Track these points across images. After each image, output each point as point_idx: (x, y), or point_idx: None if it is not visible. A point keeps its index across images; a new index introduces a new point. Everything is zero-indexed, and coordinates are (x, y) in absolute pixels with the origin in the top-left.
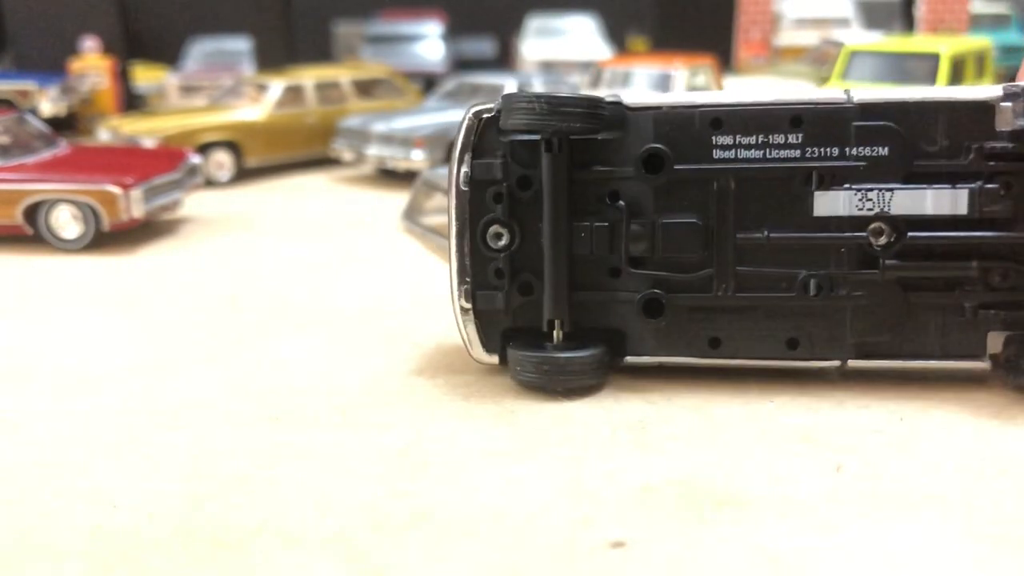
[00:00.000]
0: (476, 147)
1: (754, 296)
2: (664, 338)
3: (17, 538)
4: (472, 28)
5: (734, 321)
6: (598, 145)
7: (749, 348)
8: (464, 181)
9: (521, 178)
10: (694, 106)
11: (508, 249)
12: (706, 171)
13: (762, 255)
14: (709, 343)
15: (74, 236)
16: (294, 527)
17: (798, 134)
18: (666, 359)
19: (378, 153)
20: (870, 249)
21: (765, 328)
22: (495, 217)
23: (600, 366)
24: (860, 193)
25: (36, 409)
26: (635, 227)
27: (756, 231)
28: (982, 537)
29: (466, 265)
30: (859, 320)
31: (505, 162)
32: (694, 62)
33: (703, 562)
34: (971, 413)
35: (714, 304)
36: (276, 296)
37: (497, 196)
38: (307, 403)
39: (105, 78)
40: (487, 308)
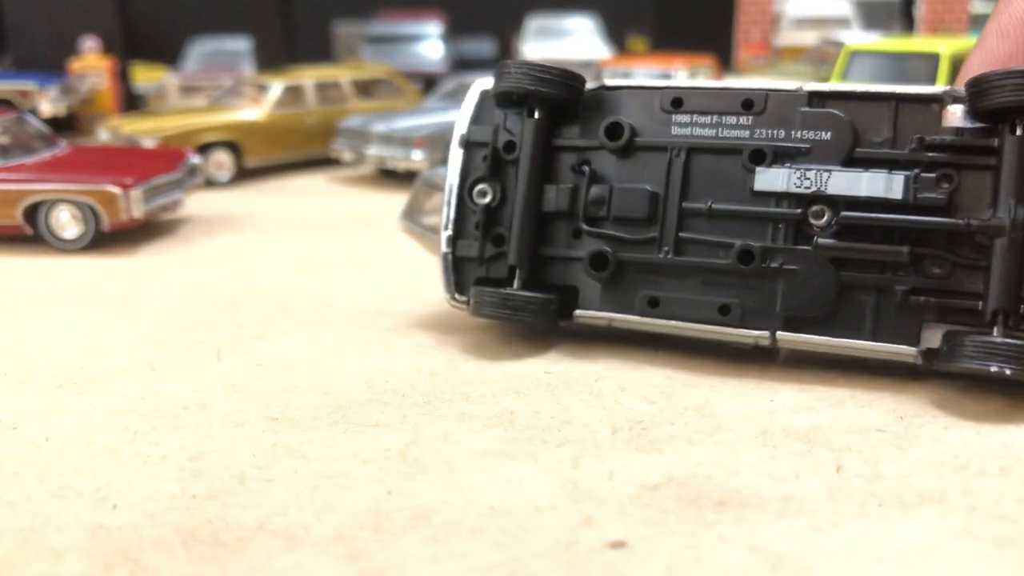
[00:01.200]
0: (475, 116)
1: (691, 260)
2: (609, 295)
3: (17, 538)
4: (472, 28)
5: (673, 283)
6: (576, 120)
7: (684, 311)
8: (460, 142)
9: (508, 143)
10: (658, 88)
11: (488, 205)
12: (661, 143)
13: (704, 224)
14: (648, 302)
15: (74, 236)
16: (293, 527)
17: (749, 116)
18: (610, 315)
19: (378, 153)
20: (807, 227)
21: (701, 292)
22: (481, 176)
23: (547, 310)
24: (799, 172)
25: (36, 409)
26: (595, 190)
27: (701, 201)
28: (982, 536)
29: (452, 216)
30: (791, 293)
31: (496, 128)
32: (694, 62)
33: (703, 562)
34: (971, 412)
35: (656, 264)
36: (275, 296)
37: (485, 157)
38: (306, 403)
39: (105, 78)
40: (465, 255)
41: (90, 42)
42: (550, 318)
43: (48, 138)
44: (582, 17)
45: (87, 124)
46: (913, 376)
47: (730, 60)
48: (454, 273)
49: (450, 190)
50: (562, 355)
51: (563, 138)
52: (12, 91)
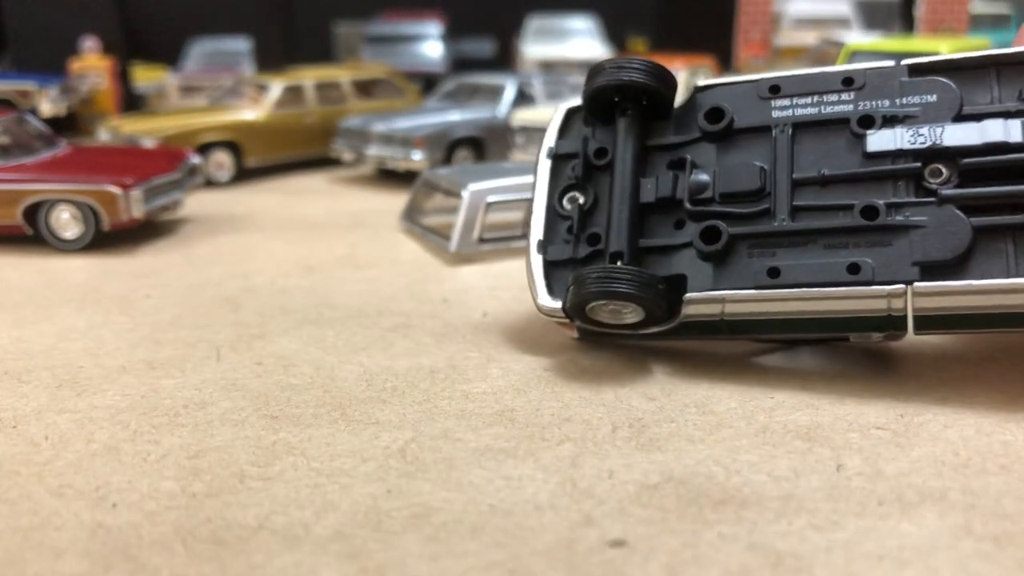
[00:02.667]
0: (562, 130)
1: (811, 225)
2: (722, 272)
3: (17, 536)
4: (472, 28)
5: (793, 252)
6: (668, 121)
7: (809, 275)
8: (548, 154)
9: (598, 150)
10: (753, 80)
11: (582, 208)
12: (764, 124)
13: (817, 192)
14: (768, 272)
15: (74, 236)
16: (293, 525)
17: (850, 92)
18: (726, 293)
19: (378, 153)
20: (926, 183)
21: (825, 256)
22: (573, 184)
23: (653, 287)
24: (912, 130)
25: (35, 408)
26: (698, 175)
27: (811, 171)
28: (983, 535)
29: (543, 225)
30: (922, 243)
31: (586, 137)
32: (694, 62)
33: (703, 560)
34: (971, 410)
35: (771, 232)
36: (275, 295)
37: (574, 167)
38: (306, 401)
39: (105, 78)
40: (557, 258)
41: (90, 42)
42: (656, 297)
43: (48, 138)
44: (582, 17)
45: (87, 124)
46: (913, 374)
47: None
48: (545, 279)
49: (538, 199)
50: (562, 353)
51: (656, 138)
52: (12, 91)
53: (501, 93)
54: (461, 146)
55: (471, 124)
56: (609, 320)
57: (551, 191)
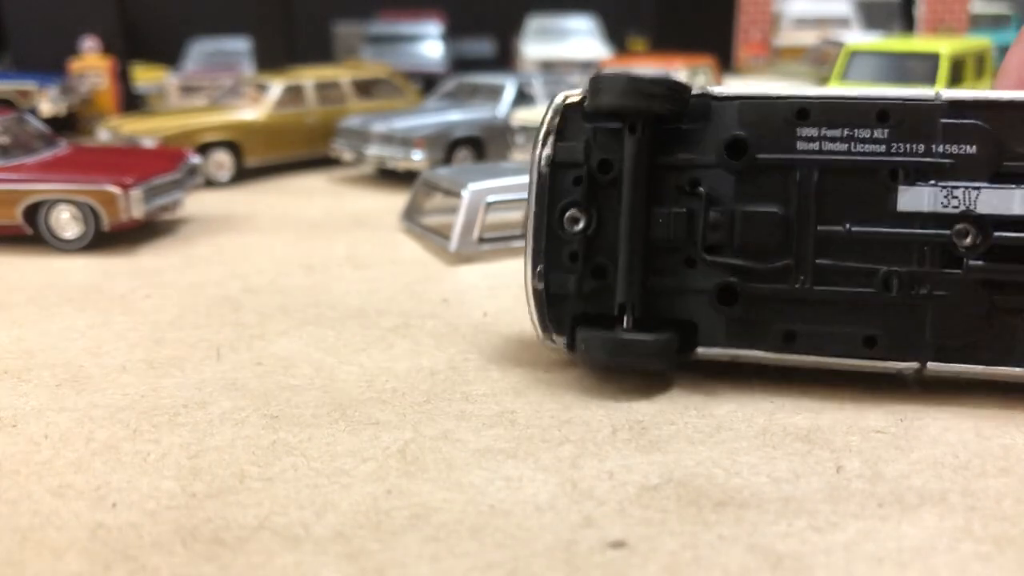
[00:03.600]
0: (560, 131)
1: (833, 290)
2: (737, 330)
3: (17, 536)
4: (472, 28)
5: (811, 315)
6: (681, 134)
7: (825, 344)
8: (545, 163)
9: (602, 162)
10: (779, 97)
11: (584, 232)
12: (788, 160)
13: (842, 249)
14: (784, 337)
15: (74, 236)
16: (293, 525)
17: (884, 129)
18: (738, 352)
19: (378, 153)
20: (954, 249)
21: (843, 324)
22: (574, 200)
23: (668, 352)
24: (946, 190)
25: (35, 407)
26: (714, 214)
27: (837, 224)
28: (983, 537)
29: (541, 247)
30: (940, 321)
31: (588, 145)
32: (694, 62)
33: (703, 562)
34: (971, 413)
35: (791, 295)
36: (275, 295)
37: (577, 179)
38: (306, 401)
39: (105, 78)
40: (559, 291)
41: (90, 42)
42: (673, 361)
43: (48, 138)
44: (582, 17)
45: (87, 124)
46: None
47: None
48: (549, 310)
49: (534, 216)
50: (562, 354)
51: (667, 155)
52: (12, 91)
53: (501, 93)
54: (461, 146)
55: (471, 124)
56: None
57: (549, 207)
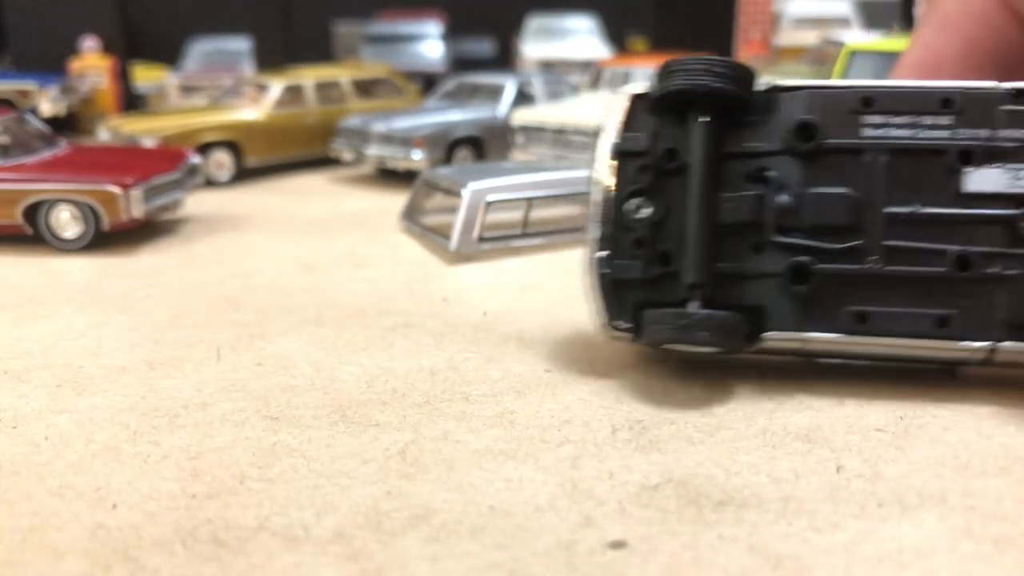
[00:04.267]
0: (626, 122)
1: (902, 270)
2: (807, 313)
3: (17, 537)
4: (472, 28)
5: (882, 296)
6: (747, 124)
7: (897, 325)
8: (612, 153)
9: (668, 151)
10: (845, 87)
11: (650, 220)
12: (856, 145)
13: (911, 230)
14: (855, 318)
15: (74, 236)
16: (293, 526)
17: (949, 116)
18: (808, 336)
19: (378, 153)
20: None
21: (914, 304)
22: (639, 188)
23: (738, 332)
24: (1011, 171)
25: (35, 408)
26: (783, 197)
27: (904, 205)
28: (982, 537)
29: (607, 234)
30: (1012, 301)
31: (653, 135)
32: None
33: (703, 562)
34: (971, 412)
35: (862, 276)
36: (275, 295)
37: (643, 168)
38: (306, 402)
39: (105, 78)
40: (623, 277)
41: (90, 42)
42: (741, 341)
43: (48, 138)
44: (582, 17)
45: (87, 124)
46: (912, 376)
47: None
48: (613, 297)
49: (600, 205)
50: (562, 354)
51: (733, 144)
52: (12, 91)
53: (501, 93)
54: (461, 146)
55: (471, 124)
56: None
57: (615, 195)
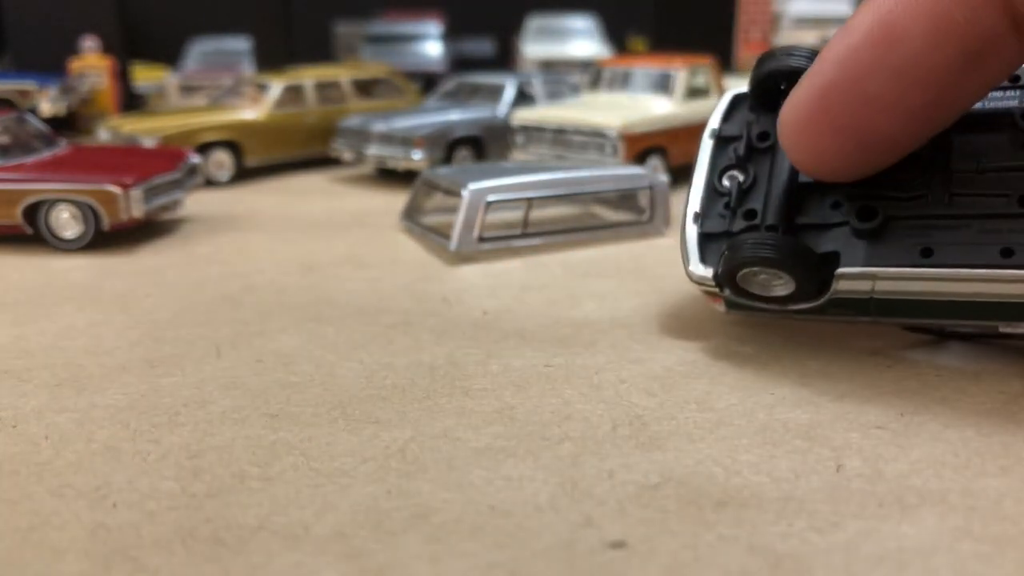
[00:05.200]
0: (726, 115)
1: (966, 210)
2: (875, 249)
3: (17, 536)
4: (472, 28)
5: (946, 234)
6: None
7: (962, 257)
8: (712, 135)
9: (761, 133)
10: None
11: (739, 185)
12: None
13: (974, 181)
14: (921, 252)
15: (74, 236)
16: (293, 525)
17: (1016, 89)
18: (877, 269)
19: (378, 153)
20: None
21: (978, 239)
22: (732, 164)
23: (808, 258)
24: None
25: (35, 407)
26: None
27: (969, 162)
28: (982, 536)
29: (701, 199)
30: None
31: (749, 122)
32: (694, 62)
33: (703, 562)
34: (972, 411)
35: (926, 214)
36: (275, 294)
37: (737, 147)
38: (306, 399)
39: (105, 78)
40: (712, 231)
41: (90, 42)
42: (808, 268)
43: (48, 138)
44: (582, 17)
45: (87, 124)
46: (913, 372)
47: (730, 60)
48: (699, 249)
49: (699, 175)
50: (562, 348)
51: None
52: (12, 91)
53: (501, 93)
54: (461, 145)
55: (471, 123)
56: (758, 291)
57: (711, 169)
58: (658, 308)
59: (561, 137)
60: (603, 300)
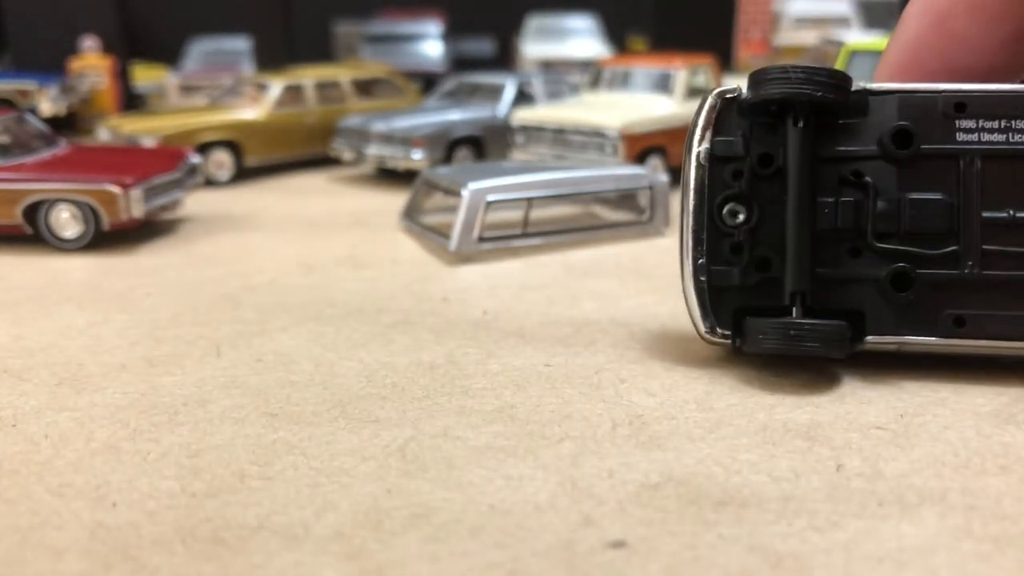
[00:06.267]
0: (717, 126)
1: (1000, 274)
2: (906, 316)
3: (16, 536)
4: (472, 28)
5: (979, 299)
6: (840, 128)
7: (996, 328)
8: (704, 157)
9: (762, 156)
10: (937, 91)
11: (746, 225)
12: (952, 150)
13: (1005, 234)
14: (954, 322)
15: (74, 235)
16: (293, 525)
17: None
18: (907, 339)
19: (378, 153)
20: None
21: (1012, 308)
22: (734, 193)
23: (843, 339)
24: None
25: (35, 406)
26: (881, 203)
27: (1001, 210)
28: (983, 536)
29: (702, 240)
30: None
31: (747, 139)
32: (693, 62)
33: (703, 562)
34: (971, 410)
35: (959, 279)
36: (275, 294)
37: (737, 173)
38: (306, 398)
39: (105, 78)
40: (721, 284)
41: (90, 41)
42: (845, 347)
43: (48, 137)
44: (582, 16)
45: (87, 124)
46: (913, 373)
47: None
48: (711, 304)
49: (692, 208)
50: (562, 348)
51: (826, 147)
52: (12, 90)
53: (501, 92)
54: (461, 145)
55: (471, 123)
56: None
57: (710, 200)
58: (658, 308)
59: (561, 137)
60: (603, 300)
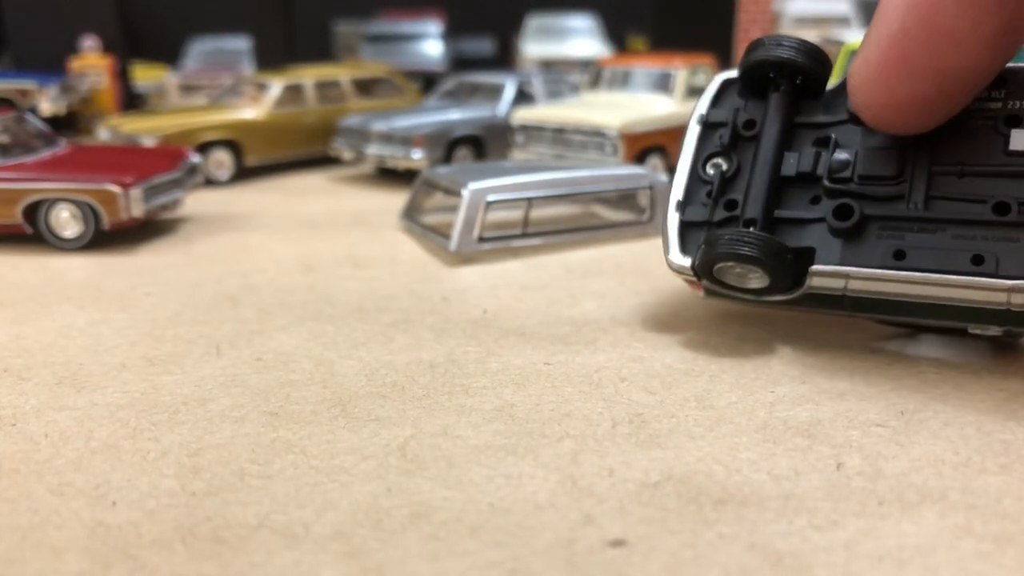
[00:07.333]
0: (714, 101)
1: (941, 214)
2: (849, 249)
3: (16, 535)
4: (472, 27)
5: (921, 237)
6: (818, 100)
7: (933, 261)
8: (699, 120)
9: (747, 122)
10: None
11: (723, 173)
12: None
13: (954, 184)
14: (894, 254)
15: (74, 235)
16: (293, 524)
17: (1001, 91)
18: (850, 269)
19: (378, 152)
20: None
21: (951, 245)
22: (717, 151)
23: (784, 256)
24: None
25: (35, 405)
26: (840, 153)
27: (950, 163)
28: (983, 535)
29: (684, 186)
30: None
31: (737, 108)
32: (693, 61)
33: (703, 560)
34: (972, 408)
35: (901, 216)
36: (275, 293)
37: (722, 136)
38: (306, 397)
39: (105, 77)
40: (692, 219)
41: (90, 41)
42: (783, 265)
43: (48, 137)
44: (582, 16)
45: (87, 123)
46: (914, 370)
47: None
48: (679, 237)
49: (683, 162)
50: (562, 346)
51: (805, 116)
52: (12, 90)
53: (501, 92)
54: (461, 145)
55: (471, 123)
56: (735, 283)
57: (696, 156)
58: (658, 307)
59: (561, 136)
60: (603, 299)
